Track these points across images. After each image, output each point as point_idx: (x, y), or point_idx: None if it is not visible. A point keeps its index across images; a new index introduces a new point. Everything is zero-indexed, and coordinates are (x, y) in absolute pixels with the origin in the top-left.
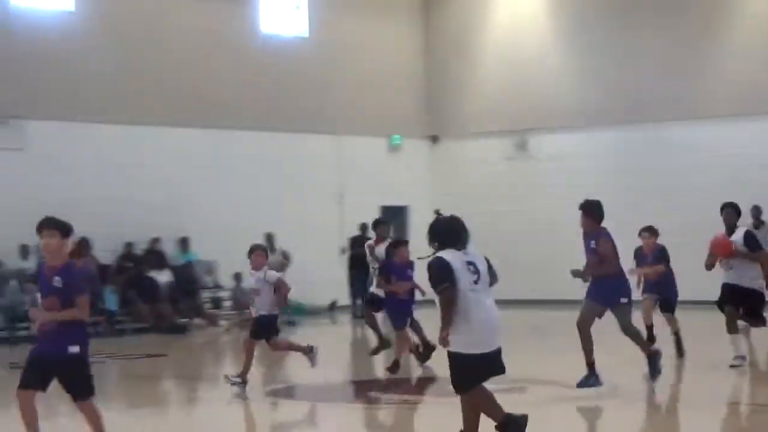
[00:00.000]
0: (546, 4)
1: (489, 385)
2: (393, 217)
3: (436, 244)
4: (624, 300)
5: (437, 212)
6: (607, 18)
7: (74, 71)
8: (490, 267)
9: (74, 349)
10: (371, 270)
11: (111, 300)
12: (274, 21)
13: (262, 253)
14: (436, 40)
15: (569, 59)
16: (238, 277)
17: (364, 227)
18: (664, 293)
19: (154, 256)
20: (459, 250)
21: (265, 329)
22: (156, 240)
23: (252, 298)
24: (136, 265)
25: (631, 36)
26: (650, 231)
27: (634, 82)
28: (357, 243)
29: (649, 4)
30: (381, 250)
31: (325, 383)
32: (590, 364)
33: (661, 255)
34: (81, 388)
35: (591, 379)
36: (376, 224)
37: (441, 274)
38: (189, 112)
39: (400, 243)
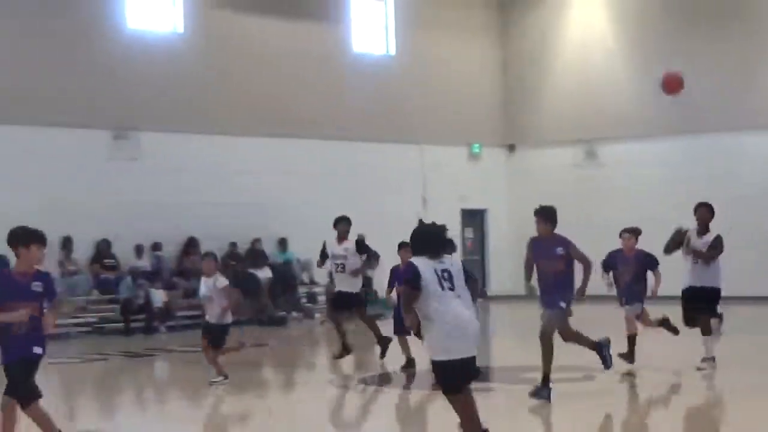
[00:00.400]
0: (613, 23)
1: (562, 374)
2: (472, 220)
3: (414, 251)
4: (563, 305)
5: (419, 221)
6: (670, 32)
7: (183, 87)
8: (468, 276)
9: (38, 350)
10: (332, 267)
11: None
12: (364, 41)
13: (212, 260)
14: (513, 56)
15: (635, 72)
16: (332, 274)
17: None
18: (643, 300)
19: (255, 255)
20: (434, 258)
21: (215, 336)
22: (257, 240)
23: (204, 305)
24: (239, 263)
25: (695, 48)
26: (631, 232)
27: (698, 93)
28: None
29: (712, 17)
30: (348, 246)
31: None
32: (600, 354)
33: (646, 260)
34: (33, 392)
35: (608, 359)
36: (336, 222)
37: (407, 274)
38: (287, 124)
39: (401, 245)
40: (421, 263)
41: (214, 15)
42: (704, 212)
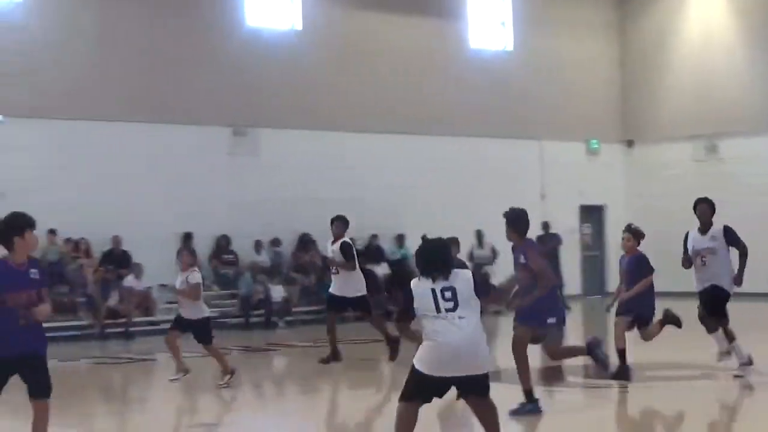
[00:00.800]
0: (734, 16)
1: (683, 372)
2: (591, 216)
3: (419, 271)
4: (551, 321)
5: (422, 238)
6: None
7: (301, 84)
8: (477, 285)
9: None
10: (333, 271)
11: None
12: (482, 37)
13: (189, 254)
14: (631, 51)
15: (757, 65)
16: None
17: (546, 225)
18: (638, 311)
19: (373, 251)
20: (436, 278)
21: (195, 331)
22: (374, 237)
23: (179, 300)
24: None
25: None
26: (630, 231)
27: None
28: (541, 240)
29: None
30: (335, 248)
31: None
32: (527, 392)
33: (638, 266)
34: (48, 385)
35: (528, 406)
36: (332, 222)
37: (404, 302)
38: (405, 120)
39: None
40: (418, 286)
41: (332, 12)
42: (705, 208)
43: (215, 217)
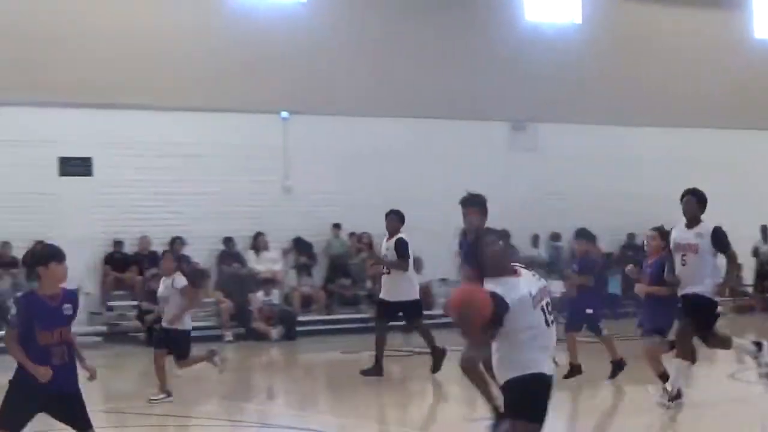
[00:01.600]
0: None
1: None
2: None
3: None
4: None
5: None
6: None
7: (580, 79)
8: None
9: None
10: (383, 271)
11: (614, 284)
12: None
13: (171, 257)
14: None
15: None
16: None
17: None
18: (658, 324)
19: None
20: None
21: (173, 345)
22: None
23: (162, 308)
24: (635, 254)
25: None
26: (658, 230)
27: None
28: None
29: None
30: (390, 245)
31: None
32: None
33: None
34: (87, 419)
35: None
36: (386, 216)
37: None
38: (683, 114)
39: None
40: None
41: (612, 5)
42: (690, 202)
43: (493, 211)
